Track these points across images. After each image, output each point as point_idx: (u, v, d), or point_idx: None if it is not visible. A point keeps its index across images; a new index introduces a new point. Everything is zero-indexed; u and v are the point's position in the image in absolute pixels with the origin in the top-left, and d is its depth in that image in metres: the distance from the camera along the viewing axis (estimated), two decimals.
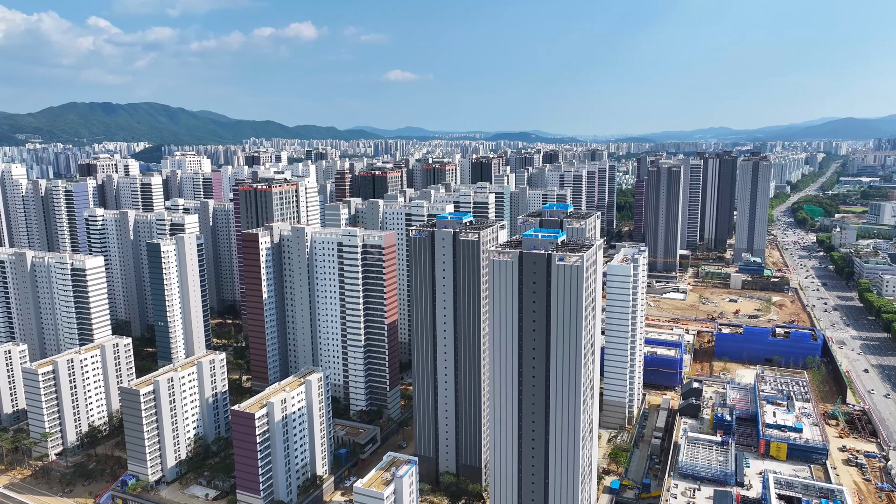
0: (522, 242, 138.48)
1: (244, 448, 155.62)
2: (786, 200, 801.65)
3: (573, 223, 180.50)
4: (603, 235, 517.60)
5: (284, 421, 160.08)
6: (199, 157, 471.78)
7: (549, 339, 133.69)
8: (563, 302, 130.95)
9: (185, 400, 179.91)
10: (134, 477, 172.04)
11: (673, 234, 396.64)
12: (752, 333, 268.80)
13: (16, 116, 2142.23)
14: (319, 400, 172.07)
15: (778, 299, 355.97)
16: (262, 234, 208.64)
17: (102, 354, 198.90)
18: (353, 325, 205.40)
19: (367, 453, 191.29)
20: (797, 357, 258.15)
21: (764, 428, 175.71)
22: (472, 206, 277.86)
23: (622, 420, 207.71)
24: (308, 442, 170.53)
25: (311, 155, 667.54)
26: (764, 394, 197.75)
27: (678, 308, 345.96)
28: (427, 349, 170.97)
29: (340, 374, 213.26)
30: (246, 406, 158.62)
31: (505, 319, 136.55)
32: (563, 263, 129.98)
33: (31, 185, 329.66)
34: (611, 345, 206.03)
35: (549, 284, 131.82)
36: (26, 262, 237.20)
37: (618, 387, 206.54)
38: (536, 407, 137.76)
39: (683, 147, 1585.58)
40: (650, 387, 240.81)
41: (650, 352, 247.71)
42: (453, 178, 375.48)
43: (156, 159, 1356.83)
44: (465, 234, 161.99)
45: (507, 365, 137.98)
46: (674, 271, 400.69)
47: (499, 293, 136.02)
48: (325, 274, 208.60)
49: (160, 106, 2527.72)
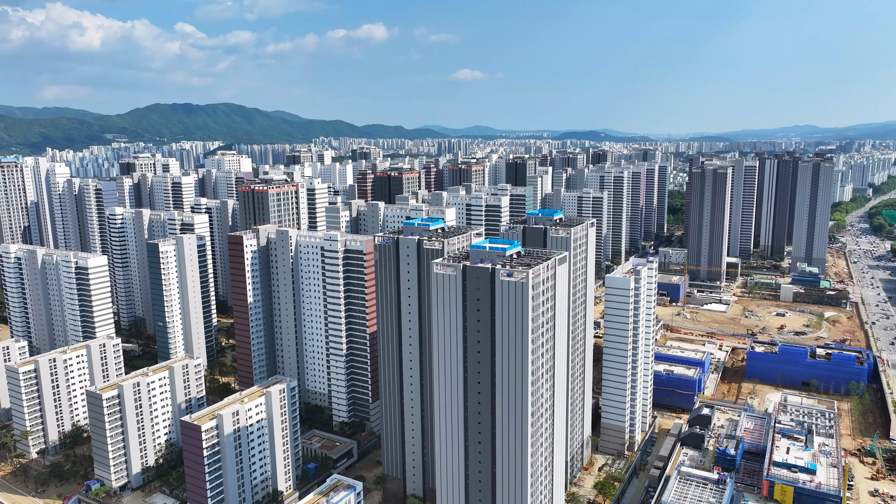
0: (469, 255, 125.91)
1: (192, 461, 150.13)
2: (864, 204, 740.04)
3: (558, 232, 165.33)
4: (649, 240, 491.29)
5: (237, 434, 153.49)
6: (239, 156, 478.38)
7: (493, 360, 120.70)
8: (507, 320, 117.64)
9: (154, 405, 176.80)
10: (99, 482, 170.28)
11: (718, 240, 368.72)
12: (788, 353, 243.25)
13: (106, 117, 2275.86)
14: (282, 412, 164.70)
15: (832, 315, 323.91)
16: (248, 237, 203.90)
17: (88, 354, 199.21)
18: (334, 333, 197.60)
19: (341, 468, 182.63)
20: (839, 382, 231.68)
21: (770, 466, 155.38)
22: (483, 209, 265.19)
23: (620, 446, 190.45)
24: (269, 455, 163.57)
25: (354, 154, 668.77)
26: (781, 425, 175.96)
27: (716, 321, 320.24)
28: (393, 364, 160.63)
29: (325, 383, 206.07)
30: (197, 417, 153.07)
31: (449, 338, 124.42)
32: (508, 279, 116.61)
33: (67, 183, 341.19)
34: (609, 363, 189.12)
35: (493, 301, 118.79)
36: (37, 259, 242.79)
37: (616, 409, 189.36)
38: (483, 437, 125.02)
39: (760, 146, 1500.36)
40: (665, 409, 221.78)
41: (666, 370, 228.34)
42: (481, 180, 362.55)
43: None
44: (431, 242, 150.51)
45: (452, 387, 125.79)
46: (718, 280, 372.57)
47: (442, 309, 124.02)
48: (309, 279, 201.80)
49: (236, 106, 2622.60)
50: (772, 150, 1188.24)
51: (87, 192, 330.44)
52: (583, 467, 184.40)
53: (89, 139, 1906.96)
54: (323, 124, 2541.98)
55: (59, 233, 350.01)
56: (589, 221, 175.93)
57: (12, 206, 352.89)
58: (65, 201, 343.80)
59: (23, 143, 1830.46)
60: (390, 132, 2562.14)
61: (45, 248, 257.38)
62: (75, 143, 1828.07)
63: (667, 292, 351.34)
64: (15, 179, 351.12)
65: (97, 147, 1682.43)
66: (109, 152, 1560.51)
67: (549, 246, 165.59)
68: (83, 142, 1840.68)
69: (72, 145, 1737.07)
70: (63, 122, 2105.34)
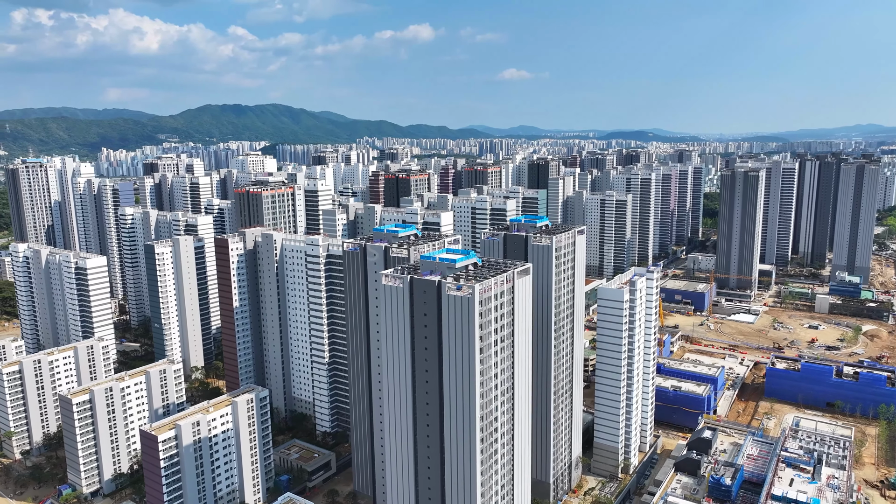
0: (420, 266, 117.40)
1: (150, 472, 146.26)
2: None
3: (541, 240, 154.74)
4: (682, 245, 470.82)
5: (198, 444, 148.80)
6: (263, 157, 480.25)
7: (441, 379, 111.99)
8: (454, 337, 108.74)
9: (129, 411, 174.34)
10: (71, 487, 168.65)
11: (749, 246, 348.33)
12: (811, 371, 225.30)
13: (159, 118, 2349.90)
14: (250, 422, 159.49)
15: (871, 328, 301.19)
16: (233, 240, 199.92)
17: (76, 355, 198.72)
18: (317, 340, 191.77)
19: (317, 481, 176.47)
20: (867, 404, 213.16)
21: (768, 500, 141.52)
22: (488, 213, 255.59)
23: (613, 468, 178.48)
24: (236, 467, 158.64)
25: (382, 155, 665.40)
26: (787, 453, 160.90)
27: (742, 333, 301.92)
28: (361, 377, 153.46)
29: (310, 391, 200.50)
30: (158, 426, 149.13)
31: (397, 354, 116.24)
32: (454, 294, 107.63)
33: (87, 183, 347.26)
34: (601, 380, 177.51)
35: (439, 317, 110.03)
36: (41, 258, 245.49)
37: (609, 428, 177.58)
38: (432, 461, 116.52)
39: (816, 146, 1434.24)
40: (672, 427, 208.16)
41: (674, 386, 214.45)
42: (498, 182, 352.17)
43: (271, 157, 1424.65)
44: (399, 249, 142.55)
45: (401, 407, 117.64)
46: (749, 289, 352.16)
47: (389, 323, 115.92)
48: (293, 284, 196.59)
49: (283, 107, 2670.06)
50: (828, 150, 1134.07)
51: (105, 192, 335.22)
52: (570, 489, 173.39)
53: (142, 139, 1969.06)
54: (367, 124, 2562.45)
55: (81, 232, 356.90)
56: (577, 229, 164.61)
57: (37, 206, 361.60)
58: (85, 201, 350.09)
59: (81, 143, 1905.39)
60: (434, 132, 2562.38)
61: (50, 247, 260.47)
62: (129, 142, 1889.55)
63: (691, 301, 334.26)
64: (40, 180, 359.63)
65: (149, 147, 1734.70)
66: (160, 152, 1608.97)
67: (530, 255, 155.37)
68: (136, 142, 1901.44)
69: (126, 145, 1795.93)
70: (119, 122, 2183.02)
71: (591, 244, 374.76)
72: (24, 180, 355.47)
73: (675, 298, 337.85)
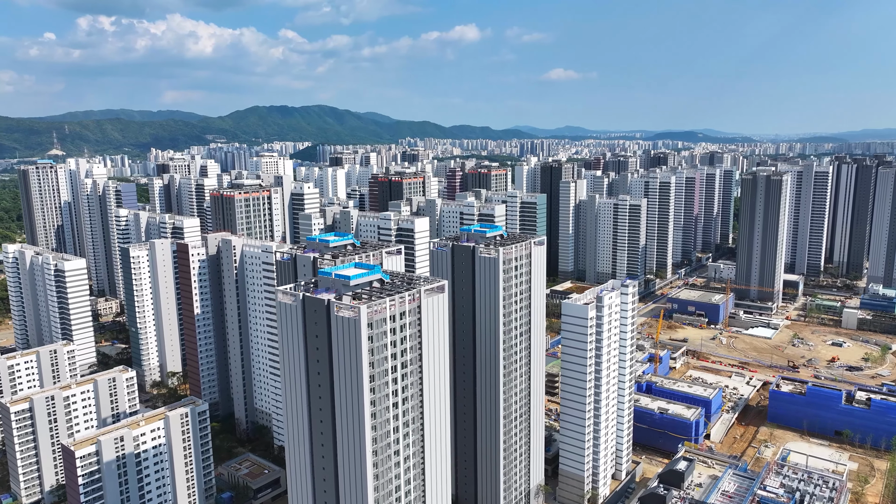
0: (318, 282, 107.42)
1: (71, 488, 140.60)
2: None
3: (489, 252, 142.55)
4: (707, 251, 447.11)
5: (121, 461, 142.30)
6: (280, 158, 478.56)
7: (333, 406, 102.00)
8: (343, 362, 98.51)
9: (75, 420, 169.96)
10: (11, 496, 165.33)
11: (770, 255, 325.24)
12: (818, 396, 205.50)
13: (209, 119, 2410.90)
14: (185, 437, 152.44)
15: None
16: (194, 246, 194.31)
17: (38, 360, 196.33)
18: (275, 349, 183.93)
19: (264, 498, 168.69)
20: (879, 434, 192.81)
21: None
22: (475, 218, 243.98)
23: (579, 497, 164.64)
24: (169, 484, 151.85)
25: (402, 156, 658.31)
26: (764, 492, 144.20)
27: (757, 349, 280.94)
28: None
29: (270, 402, 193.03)
30: (80, 441, 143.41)
31: (293, 376, 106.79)
32: (342, 315, 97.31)
33: (93, 184, 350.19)
34: (566, 403, 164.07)
35: (329, 339, 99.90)
36: (26, 260, 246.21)
37: (573, 455, 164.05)
38: (328, 490, 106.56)
39: (874, 147, 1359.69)
40: (658, 453, 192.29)
41: (661, 409, 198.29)
42: (502, 185, 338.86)
43: (311, 157, 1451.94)
44: (330, 260, 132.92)
45: (299, 430, 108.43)
46: (771, 301, 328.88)
47: (284, 343, 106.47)
48: (253, 291, 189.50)
49: (328, 108, 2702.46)
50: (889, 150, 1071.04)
51: (108, 193, 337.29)
52: None
53: (191, 139, 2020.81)
54: (410, 125, 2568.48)
55: (88, 234, 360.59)
56: (534, 240, 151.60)
57: (47, 207, 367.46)
58: (91, 202, 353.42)
59: (133, 143, 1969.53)
60: (477, 133, 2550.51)
61: (35, 247, 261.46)
62: (179, 143, 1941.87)
63: (705, 313, 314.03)
64: (49, 181, 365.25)
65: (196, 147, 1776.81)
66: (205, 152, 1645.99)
67: (477, 267, 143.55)
68: (185, 142, 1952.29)
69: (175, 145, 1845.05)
70: (171, 123, 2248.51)
71: (603, 251, 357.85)
72: (34, 181, 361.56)
73: (687, 310, 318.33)
